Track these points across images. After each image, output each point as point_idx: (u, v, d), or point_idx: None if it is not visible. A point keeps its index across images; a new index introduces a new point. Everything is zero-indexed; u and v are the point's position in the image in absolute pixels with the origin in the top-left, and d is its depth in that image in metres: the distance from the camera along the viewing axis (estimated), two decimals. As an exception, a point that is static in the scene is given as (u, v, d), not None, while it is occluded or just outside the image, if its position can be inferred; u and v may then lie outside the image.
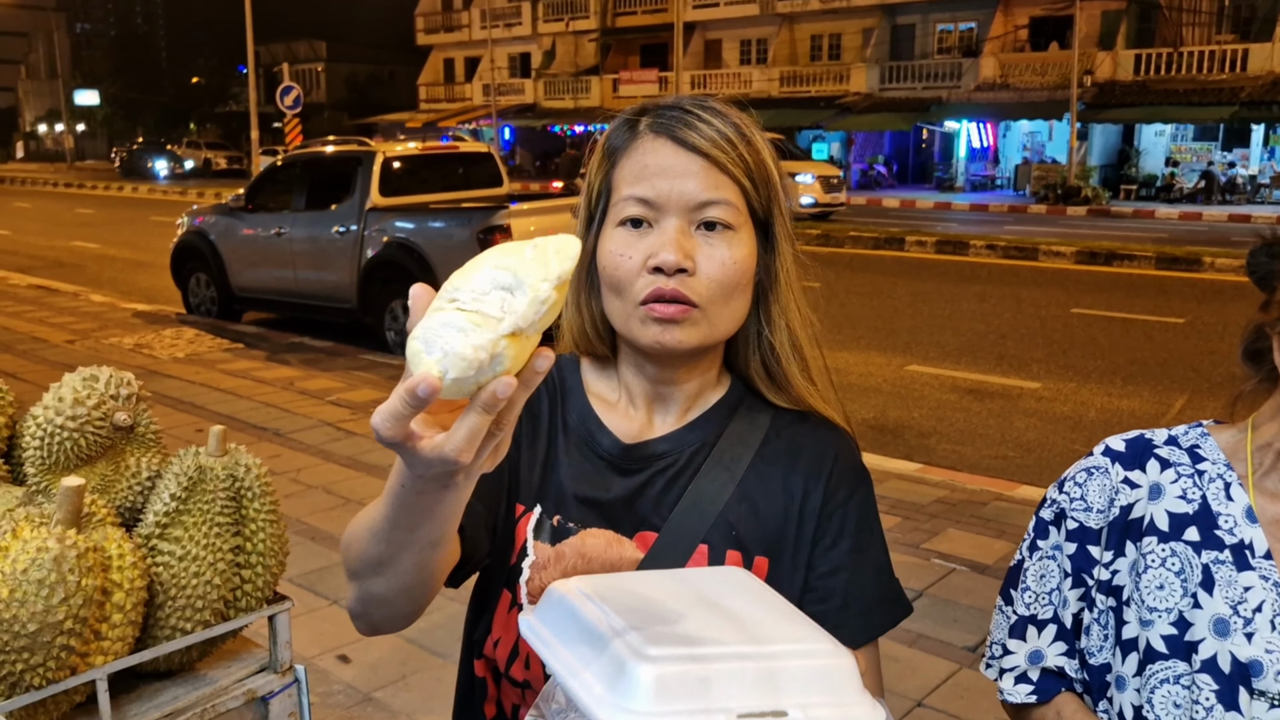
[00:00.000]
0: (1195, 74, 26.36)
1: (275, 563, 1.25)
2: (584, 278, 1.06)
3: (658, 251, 0.97)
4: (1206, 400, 6.74)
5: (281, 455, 5.35)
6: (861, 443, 3.70)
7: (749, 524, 1.02)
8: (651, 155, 0.99)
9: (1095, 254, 13.96)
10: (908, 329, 9.25)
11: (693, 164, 0.98)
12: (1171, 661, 1.04)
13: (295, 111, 20.38)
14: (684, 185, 0.98)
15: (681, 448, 1.04)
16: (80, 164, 57.12)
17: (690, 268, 0.97)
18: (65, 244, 16.99)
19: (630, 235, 0.99)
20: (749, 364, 1.07)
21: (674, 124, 0.99)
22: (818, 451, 1.06)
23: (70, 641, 1.03)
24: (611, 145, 1.03)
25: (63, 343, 8.28)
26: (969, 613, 3.59)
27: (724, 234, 0.98)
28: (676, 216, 0.98)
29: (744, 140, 1.00)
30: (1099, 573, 1.12)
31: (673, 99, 1.04)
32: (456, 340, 0.61)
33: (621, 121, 1.04)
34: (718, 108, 1.01)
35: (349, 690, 3.07)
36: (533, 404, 1.06)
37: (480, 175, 9.35)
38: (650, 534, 1.01)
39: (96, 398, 1.19)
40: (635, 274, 0.98)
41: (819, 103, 32.14)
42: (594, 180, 1.04)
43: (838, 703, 0.70)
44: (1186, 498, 1.09)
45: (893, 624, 1.06)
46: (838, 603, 1.02)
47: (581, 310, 1.07)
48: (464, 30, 44.11)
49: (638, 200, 0.98)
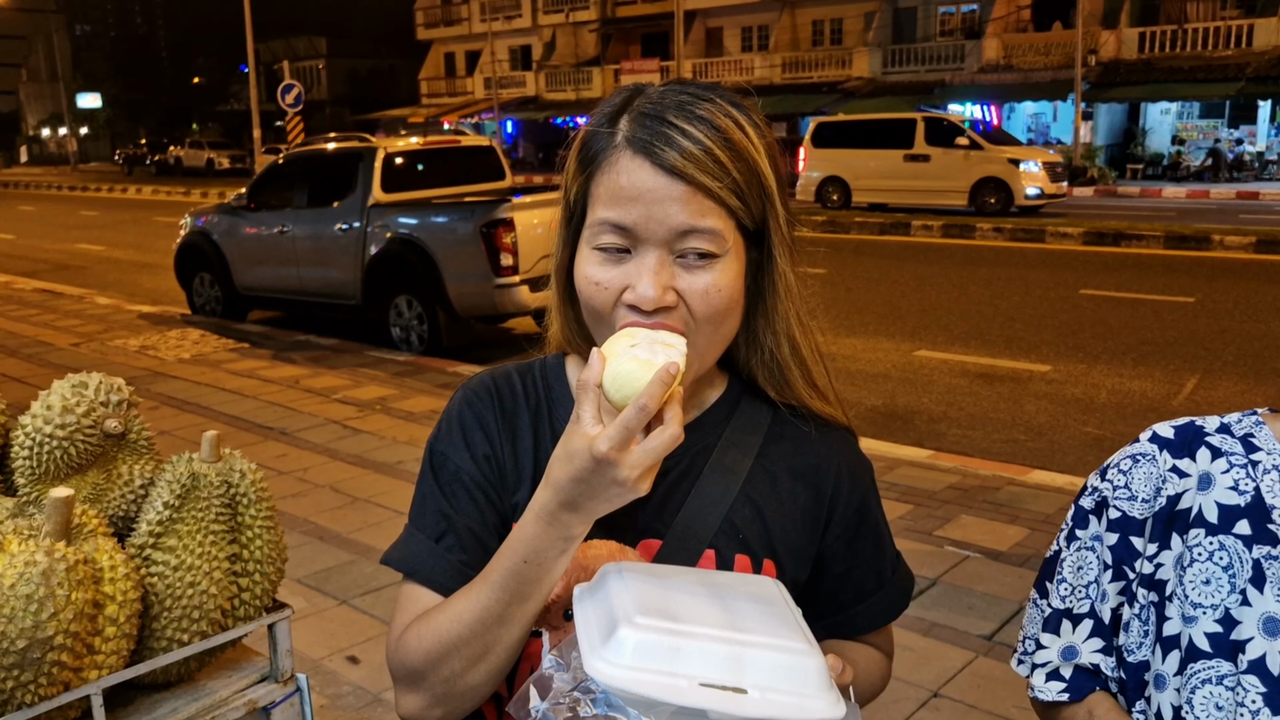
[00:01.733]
0: (1200, 51, 26.18)
1: (274, 570, 1.22)
2: (561, 280, 1.02)
3: (635, 286, 0.90)
4: (1219, 380, 6.68)
5: (288, 454, 5.33)
6: (871, 429, 3.71)
7: (754, 527, 1.00)
8: (627, 175, 0.90)
9: (1103, 234, 13.88)
10: (915, 314, 9.20)
11: (673, 189, 0.89)
12: (1215, 661, 0.99)
13: (297, 109, 20.37)
14: (664, 212, 0.89)
15: (682, 451, 0.95)
16: (84, 166, 57.24)
17: (672, 302, 0.90)
18: (70, 247, 17.02)
19: (606, 262, 0.92)
20: (749, 362, 1.04)
21: (654, 141, 0.89)
22: (820, 451, 1.05)
23: (62, 657, 1.00)
24: (588, 150, 0.95)
25: (68, 346, 8.28)
26: (984, 600, 3.55)
27: (708, 262, 0.91)
28: (656, 247, 0.90)
29: (732, 151, 0.91)
30: (1141, 565, 1.07)
31: (660, 91, 0.94)
32: (640, 376, 0.81)
33: (604, 117, 0.95)
34: (706, 113, 0.91)
35: (358, 691, 3.05)
36: (511, 423, 1.04)
37: (482, 169, 9.31)
38: (654, 541, 0.98)
39: (86, 405, 1.16)
40: (611, 306, 0.92)
41: (822, 88, 32.02)
42: (571, 185, 0.97)
43: (798, 694, 0.77)
44: (1239, 489, 1.03)
45: (899, 613, 1.09)
46: (849, 597, 1.05)
47: (564, 313, 1.04)
48: (464, 24, 44.03)
49: (614, 226, 0.91)
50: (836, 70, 32.37)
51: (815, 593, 1.05)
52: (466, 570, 0.96)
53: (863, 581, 1.07)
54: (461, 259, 7.57)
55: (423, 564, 0.99)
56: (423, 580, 0.99)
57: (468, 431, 1.03)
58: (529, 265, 7.44)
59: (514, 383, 1.06)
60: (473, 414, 1.04)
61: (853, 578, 1.06)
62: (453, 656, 0.90)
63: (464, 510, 1.00)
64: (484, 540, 0.99)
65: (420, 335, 8.06)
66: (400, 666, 0.96)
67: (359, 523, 4.36)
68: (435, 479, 1.02)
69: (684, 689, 0.74)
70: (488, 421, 1.03)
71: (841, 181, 19.52)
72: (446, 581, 0.97)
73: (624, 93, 0.97)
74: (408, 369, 7.27)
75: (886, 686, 1.13)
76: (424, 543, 1.00)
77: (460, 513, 1.00)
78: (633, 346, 0.85)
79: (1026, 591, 3.61)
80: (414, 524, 1.03)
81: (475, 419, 1.03)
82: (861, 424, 6.04)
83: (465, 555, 0.98)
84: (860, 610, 1.06)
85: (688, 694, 0.74)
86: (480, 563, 0.95)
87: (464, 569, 0.97)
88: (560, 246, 1.01)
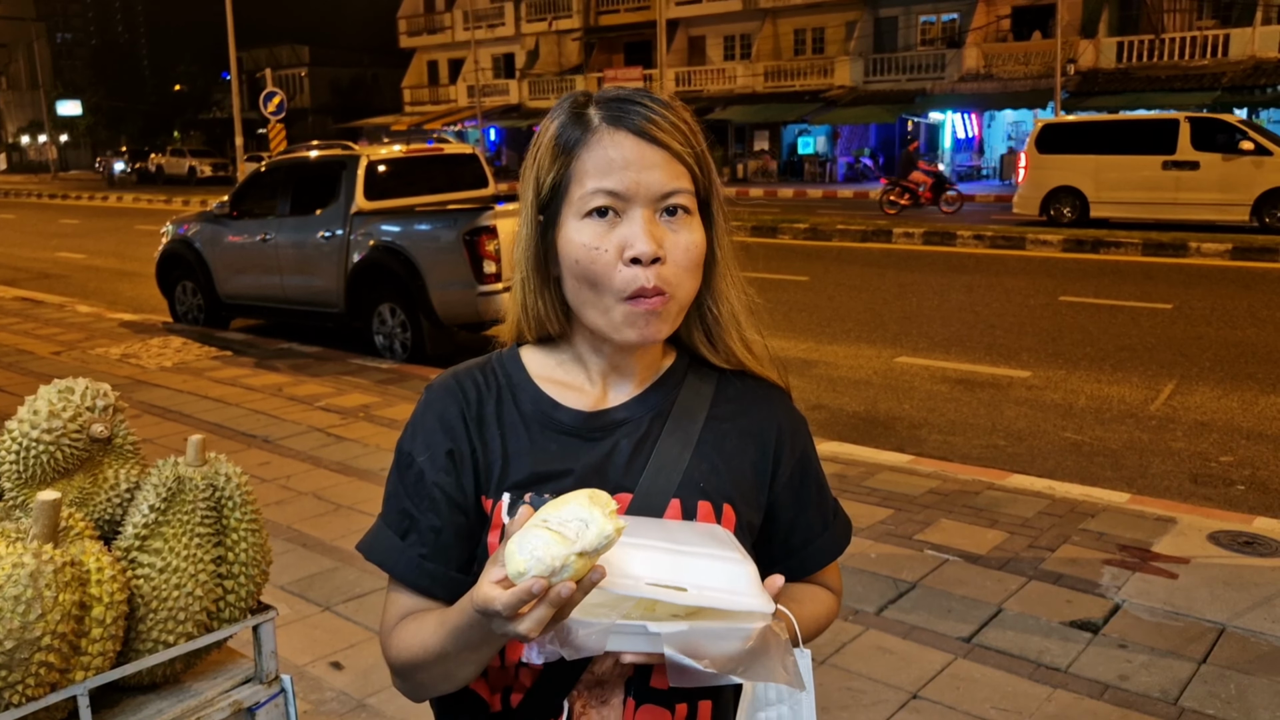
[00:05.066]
0: (1177, 60, 26.47)
1: (259, 572, 1.24)
2: (537, 267, 1.10)
3: (633, 243, 1.01)
4: (1195, 385, 6.76)
5: (271, 462, 5.33)
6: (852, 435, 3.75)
7: (711, 478, 1.11)
8: (615, 148, 1.02)
9: (1082, 242, 14.00)
10: (897, 321, 9.26)
11: (656, 155, 1.02)
12: None
13: (279, 117, 20.32)
14: (650, 176, 1.02)
15: (641, 414, 1.12)
16: (64, 174, 56.83)
17: (662, 256, 1.02)
18: (50, 255, 16.91)
19: (600, 226, 1.03)
20: (692, 334, 1.15)
21: (634, 116, 1.03)
22: (763, 410, 1.18)
23: (49, 658, 1.01)
24: (566, 139, 1.05)
25: (49, 355, 8.24)
26: (963, 603, 3.59)
27: (684, 219, 1.05)
28: (644, 206, 1.02)
29: (690, 129, 1.06)
30: None
31: (614, 91, 1.07)
32: (542, 550, 0.83)
33: (567, 116, 1.06)
34: (663, 99, 1.06)
35: (342, 697, 3.06)
36: (478, 413, 1.12)
37: (465, 177, 9.31)
38: (625, 495, 1.08)
39: (72, 410, 1.18)
40: (612, 266, 1.02)
41: (804, 97, 32.17)
42: (544, 176, 1.06)
43: (731, 591, 0.92)
44: None
45: (842, 550, 1.23)
46: (799, 540, 1.19)
47: (539, 297, 1.11)
48: (447, 32, 44.01)
49: (606, 192, 1.02)
50: (818, 79, 32.54)
51: (770, 538, 1.17)
52: (426, 565, 1.07)
53: (810, 525, 1.20)
54: (445, 267, 7.58)
55: (390, 559, 1.09)
56: (397, 578, 1.09)
57: (430, 433, 1.11)
58: (512, 273, 7.44)
59: (475, 376, 1.15)
60: (435, 414, 1.12)
61: (800, 522, 1.19)
62: (421, 672, 1.03)
63: (425, 510, 1.09)
64: (444, 536, 1.08)
65: (403, 343, 8.06)
66: (388, 660, 1.08)
67: (342, 530, 4.37)
68: (400, 479, 1.12)
69: (633, 586, 0.89)
70: (452, 419, 1.11)
71: (1077, 193, 16.59)
72: (414, 579, 1.08)
73: (571, 97, 1.09)
74: (391, 376, 7.27)
75: (834, 620, 1.25)
76: (390, 538, 1.10)
77: (422, 512, 1.09)
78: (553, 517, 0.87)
79: (1005, 595, 3.66)
80: (383, 518, 1.13)
81: (437, 419, 1.12)
82: (843, 430, 6.10)
83: (425, 550, 1.08)
84: (810, 551, 1.20)
85: (637, 588, 0.89)
86: (442, 557, 1.07)
87: (424, 564, 1.07)
88: (530, 233, 1.09)
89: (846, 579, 3.77)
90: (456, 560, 1.08)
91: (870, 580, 3.78)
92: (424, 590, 1.07)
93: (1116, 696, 2.97)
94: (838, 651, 3.27)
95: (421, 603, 1.08)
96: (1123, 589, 3.65)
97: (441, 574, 1.07)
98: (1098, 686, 3.03)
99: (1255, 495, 4.86)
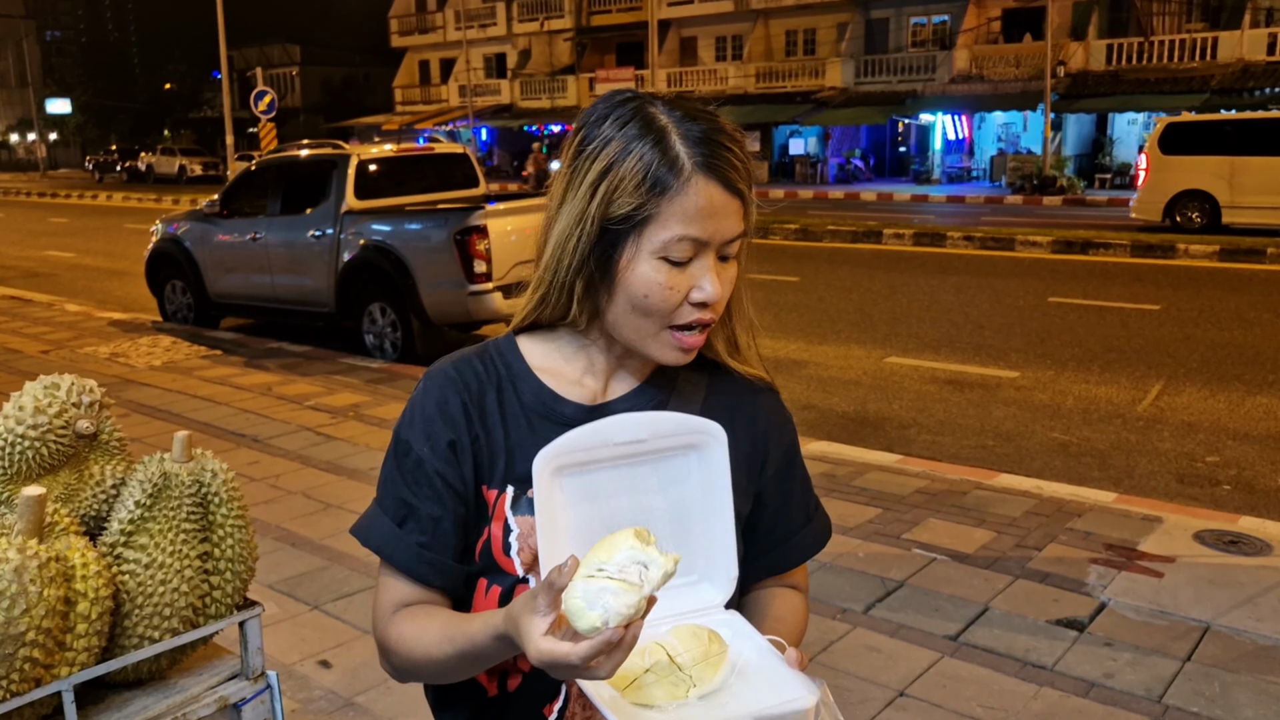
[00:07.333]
0: (1166, 63, 26.58)
1: (245, 568, 1.24)
2: (583, 261, 1.05)
3: (705, 287, 1.04)
4: (1183, 386, 6.80)
5: (260, 461, 5.32)
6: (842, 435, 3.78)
7: None
8: (705, 198, 1.03)
9: (1071, 243, 14.05)
10: (886, 321, 9.28)
11: (733, 204, 1.05)
12: None
13: (270, 116, 20.28)
14: (726, 225, 1.05)
15: (641, 406, 1.13)
16: (53, 173, 56.55)
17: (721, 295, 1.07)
18: (39, 254, 16.83)
19: (675, 270, 1.04)
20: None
21: (723, 165, 1.03)
22: (752, 405, 1.22)
23: (34, 653, 1.01)
24: (656, 178, 1.01)
25: (37, 353, 8.20)
26: (950, 601, 3.60)
27: (733, 258, 1.09)
28: (714, 250, 1.05)
29: (749, 164, 1.07)
30: None
31: (696, 119, 1.04)
32: (613, 601, 0.85)
33: (653, 147, 1.02)
34: (737, 134, 1.07)
35: (330, 696, 3.05)
36: (479, 402, 1.11)
37: (456, 176, 9.30)
38: None
39: (58, 406, 1.18)
40: (678, 305, 1.05)
41: (795, 98, 32.20)
42: (621, 197, 1.02)
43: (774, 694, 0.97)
44: None
45: (823, 545, 1.27)
46: (783, 532, 1.23)
47: (564, 290, 1.08)
48: (438, 32, 43.91)
49: (693, 241, 1.03)
50: (810, 80, 32.58)
51: (756, 528, 1.21)
52: (424, 553, 1.07)
53: (793, 518, 1.24)
54: (435, 266, 7.57)
55: (388, 547, 1.09)
56: (395, 566, 1.09)
57: (431, 421, 1.10)
58: (502, 272, 7.45)
59: (474, 365, 1.14)
60: (435, 402, 1.11)
61: (784, 514, 1.23)
62: (421, 672, 1.07)
63: (424, 498, 1.08)
64: (443, 525, 1.08)
65: (394, 342, 8.05)
66: (380, 644, 1.10)
67: (331, 529, 4.36)
68: (398, 465, 1.11)
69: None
70: (453, 408, 1.10)
71: (1207, 197, 15.38)
72: (412, 567, 1.09)
73: (640, 109, 1.04)
74: (381, 376, 7.26)
75: (807, 626, 1.28)
76: (387, 525, 1.10)
77: (421, 500, 1.08)
78: (609, 565, 0.89)
79: (992, 593, 3.67)
80: (379, 503, 1.12)
81: (438, 408, 1.11)
82: (832, 430, 6.11)
83: (424, 538, 1.08)
84: (793, 544, 1.24)
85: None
86: (440, 546, 1.07)
87: (422, 552, 1.08)
88: (589, 230, 1.04)
89: (835, 577, 3.79)
90: (454, 549, 1.09)
91: (858, 579, 3.80)
92: (421, 578, 1.08)
93: (1102, 694, 2.99)
94: (825, 650, 3.28)
95: (417, 590, 1.09)
96: (1109, 588, 3.67)
97: (439, 563, 1.08)
98: (1083, 685, 3.04)
99: (1241, 495, 4.89)
